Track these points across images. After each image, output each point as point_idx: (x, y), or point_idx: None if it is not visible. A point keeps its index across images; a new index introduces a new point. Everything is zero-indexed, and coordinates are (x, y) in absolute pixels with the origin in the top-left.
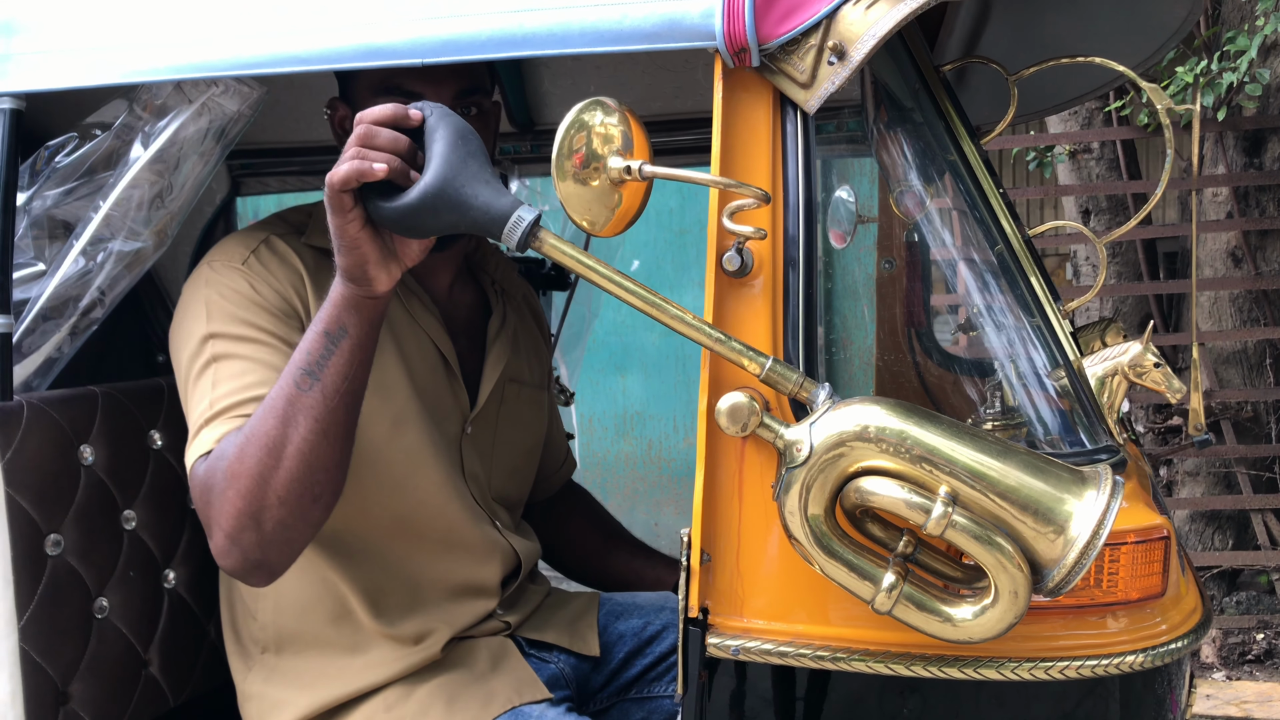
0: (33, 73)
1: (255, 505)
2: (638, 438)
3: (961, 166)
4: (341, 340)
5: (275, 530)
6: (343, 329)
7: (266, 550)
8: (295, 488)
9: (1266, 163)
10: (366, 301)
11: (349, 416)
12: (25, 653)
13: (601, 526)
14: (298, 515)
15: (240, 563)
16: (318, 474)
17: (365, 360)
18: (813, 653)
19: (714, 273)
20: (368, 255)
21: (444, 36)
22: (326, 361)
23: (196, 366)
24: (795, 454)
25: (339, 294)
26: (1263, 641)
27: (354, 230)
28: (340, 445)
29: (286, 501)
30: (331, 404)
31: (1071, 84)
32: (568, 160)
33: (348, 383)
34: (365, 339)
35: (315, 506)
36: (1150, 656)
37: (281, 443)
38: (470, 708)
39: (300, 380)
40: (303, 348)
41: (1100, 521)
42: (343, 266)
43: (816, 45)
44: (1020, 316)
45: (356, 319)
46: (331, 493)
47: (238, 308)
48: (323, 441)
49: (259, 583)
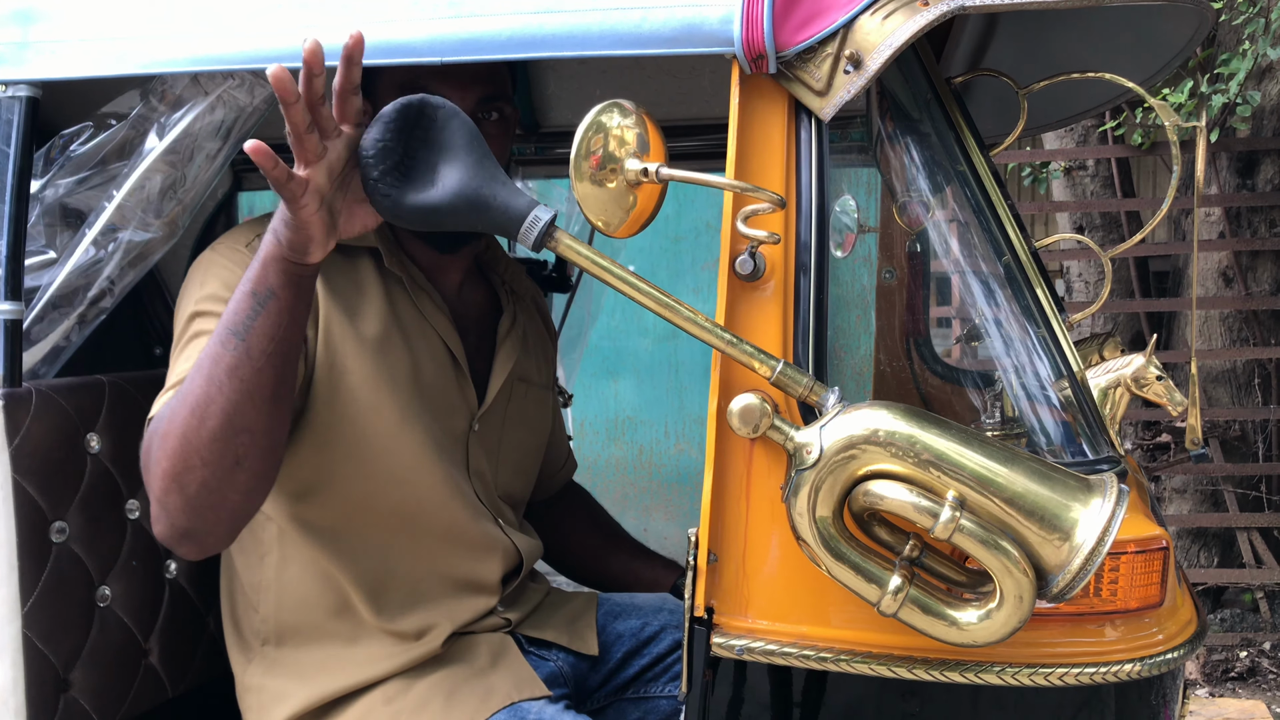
0: (50, 61)
1: (179, 465)
2: (629, 443)
3: (971, 177)
4: (269, 302)
5: (199, 493)
6: (270, 291)
7: (191, 516)
8: (217, 447)
9: (1259, 184)
10: (298, 268)
11: (276, 380)
12: (28, 639)
13: (601, 527)
14: (221, 478)
15: (168, 529)
16: (240, 435)
17: (293, 324)
18: (816, 654)
19: (726, 276)
20: (313, 235)
21: (463, 35)
22: (252, 322)
23: (180, 343)
24: (805, 456)
25: (270, 255)
26: (1246, 659)
27: (307, 215)
28: (265, 409)
29: (209, 462)
30: (257, 364)
31: (1074, 100)
32: (585, 161)
33: (274, 344)
34: (294, 304)
35: (239, 470)
36: (1147, 666)
37: (205, 402)
38: (469, 703)
39: (225, 340)
40: (230, 307)
41: (1106, 529)
42: (284, 237)
43: (833, 54)
44: (1026, 327)
45: (285, 282)
46: (258, 457)
47: (227, 288)
48: (247, 402)
49: (189, 553)
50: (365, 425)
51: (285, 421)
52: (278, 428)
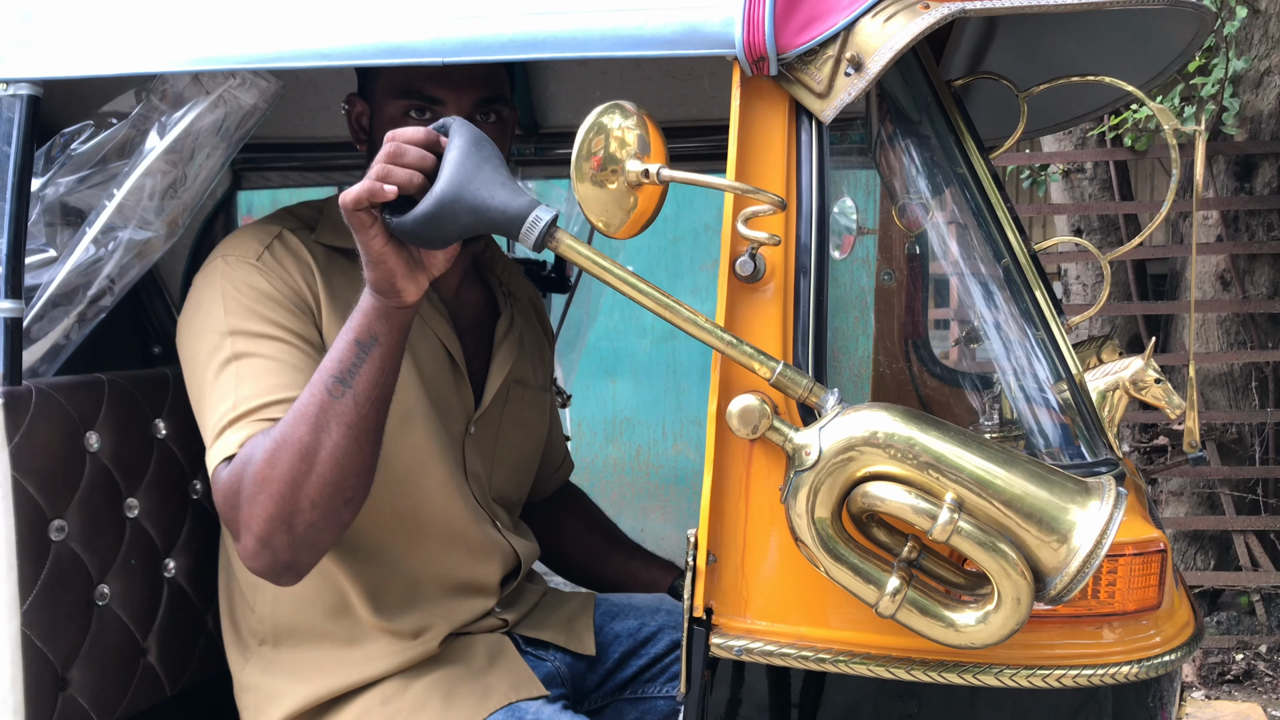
0: (51, 59)
1: (288, 509)
2: (626, 443)
3: (970, 180)
4: (373, 349)
5: (306, 533)
6: (374, 338)
7: (297, 552)
8: (327, 491)
9: (1256, 188)
10: (396, 311)
11: (379, 421)
12: (26, 637)
13: (598, 528)
14: (329, 518)
15: (271, 564)
16: (349, 478)
17: (395, 367)
18: (814, 655)
19: (726, 277)
20: (394, 269)
21: (465, 37)
22: (358, 369)
23: (216, 362)
24: (804, 457)
25: (369, 304)
26: (1242, 662)
27: (378, 246)
28: (370, 449)
29: (319, 505)
30: (363, 410)
31: (1072, 104)
32: (586, 162)
33: (378, 389)
34: (395, 346)
35: (346, 509)
36: (1144, 668)
37: (314, 448)
38: (467, 703)
39: (332, 388)
40: (334, 355)
41: (1103, 531)
42: (371, 280)
43: (834, 56)
44: (1025, 329)
45: (386, 328)
46: (361, 495)
47: (256, 304)
48: (354, 447)
49: (287, 583)
50: None
51: (378, 455)
52: (375, 464)
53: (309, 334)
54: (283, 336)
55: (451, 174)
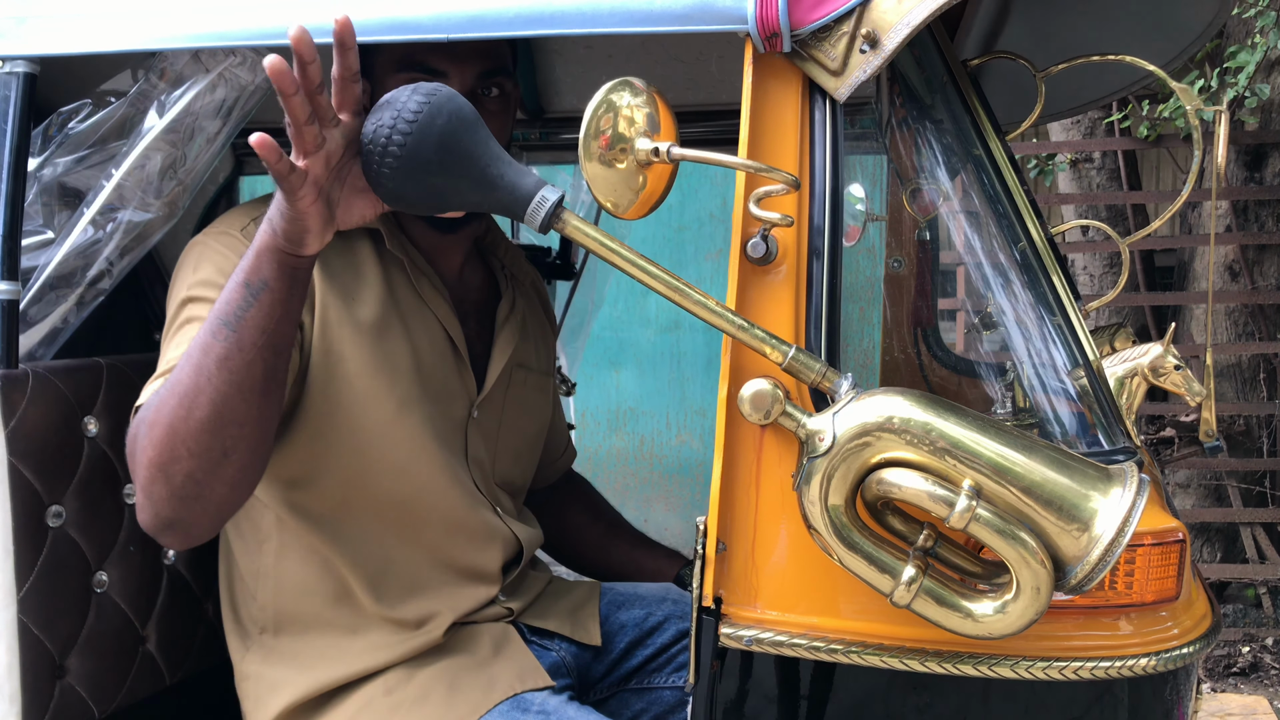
0: (48, 36)
1: (165, 455)
2: (630, 433)
3: (987, 162)
4: (262, 293)
5: (185, 484)
6: (264, 282)
7: (176, 506)
8: (204, 439)
9: (1266, 178)
10: (293, 259)
11: (266, 371)
12: (24, 625)
13: (602, 517)
14: (207, 470)
15: (153, 519)
16: (229, 427)
17: (286, 316)
18: (826, 645)
19: (738, 259)
20: (310, 226)
21: (470, 12)
22: (244, 313)
23: (171, 329)
24: (817, 443)
25: (265, 246)
26: (1248, 655)
27: (304, 206)
28: (255, 401)
29: (196, 453)
30: (248, 356)
31: (1085, 88)
32: (594, 141)
33: (265, 336)
34: (286, 295)
35: (226, 462)
36: (1162, 661)
37: (194, 392)
38: (472, 694)
39: (216, 330)
40: (222, 297)
41: (1126, 519)
42: (280, 228)
43: (849, 33)
44: (1042, 315)
45: (279, 273)
46: (246, 450)
47: (221, 274)
48: (236, 394)
49: (173, 543)
50: (361, 412)
51: (275, 414)
52: (267, 420)
53: None
54: None
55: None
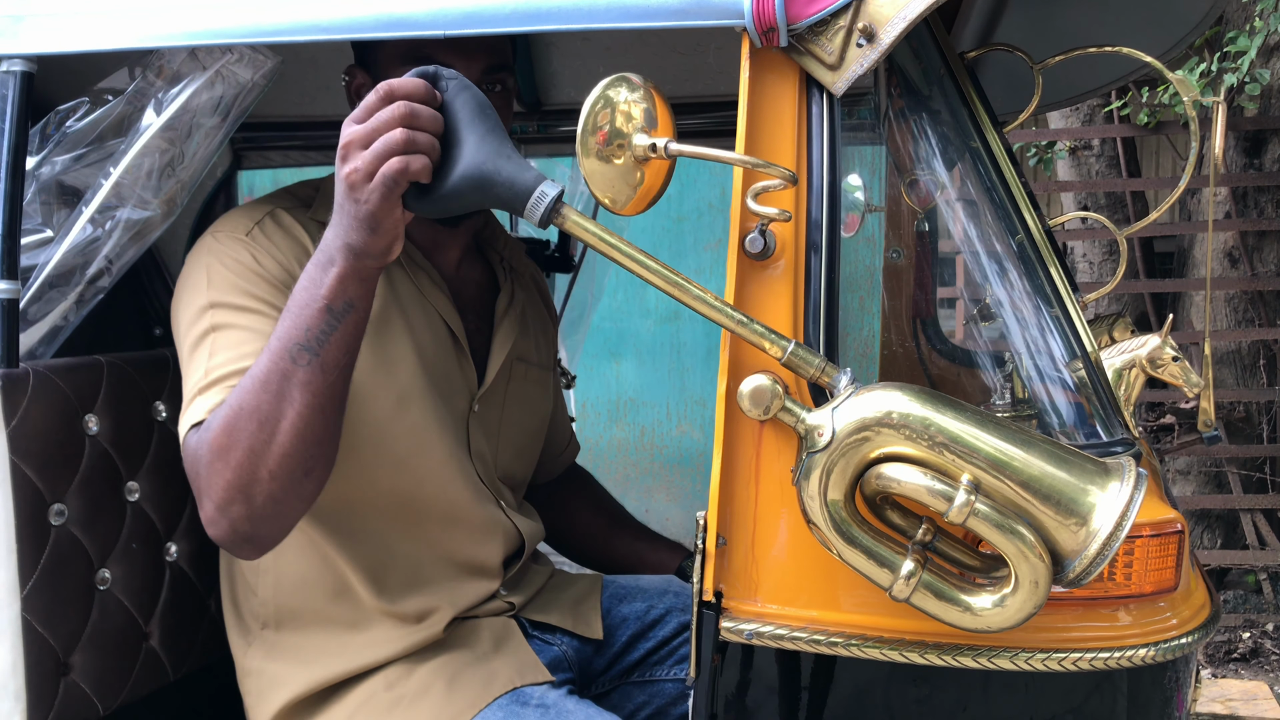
0: (45, 34)
1: (246, 479)
2: (631, 424)
3: (985, 154)
4: (347, 316)
5: (266, 504)
6: (349, 304)
7: (256, 524)
8: (288, 462)
9: (1266, 164)
10: (375, 272)
11: (345, 390)
12: (27, 623)
13: (605, 510)
14: (289, 489)
15: (229, 534)
16: (311, 448)
17: (364, 331)
18: (826, 639)
19: (736, 254)
20: (398, 235)
21: (468, 8)
22: (328, 336)
23: (195, 334)
24: (817, 439)
25: (346, 269)
26: (1249, 640)
27: (399, 215)
28: (335, 419)
29: (278, 476)
30: (330, 379)
31: (1084, 78)
32: (592, 136)
33: (348, 356)
34: (369, 311)
35: (307, 481)
36: (1160, 651)
37: (276, 417)
38: (471, 688)
39: (297, 355)
40: (297, 323)
41: (1124, 513)
42: (363, 244)
43: (846, 26)
44: (1040, 307)
45: (363, 291)
46: (324, 466)
47: (239, 278)
48: (318, 417)
49: (247, 556)
50: (363, 407)
51: (342, 425)
52: (339, 433)
53: None
54: (263, 310)
55: (472, 149)
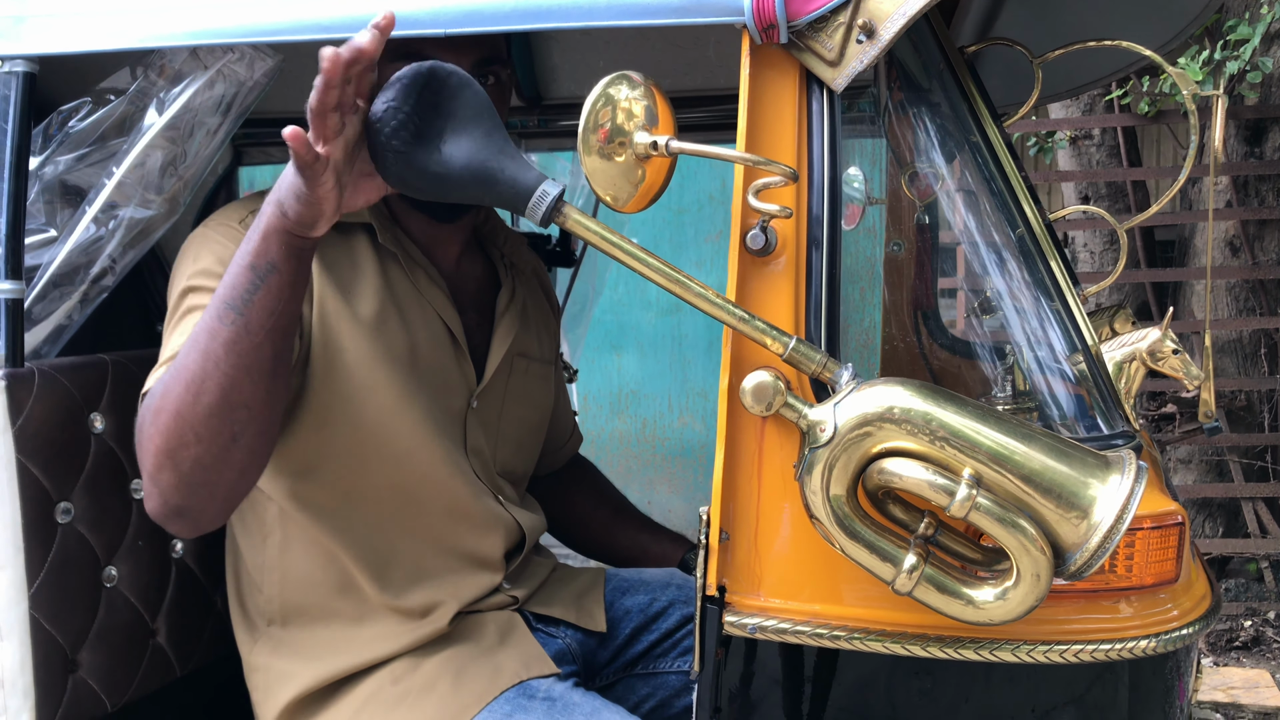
0: (46, 35)
1: (173, 442)
2: (632, 416)
3: (984, 148)
4: (270, 276)
5: (193, 470)
6: (271, 264)
7: (185, 493)
8: (212, 423)
9: (1267, 152)
10: (301, 241)
11: (274, 353)
12: (35, 620)
13: (608, 501)
14: (216, 455)
15: (160, 506)
16: (237, 410)
17: (294, 298)
18: (829, 632)
19: (737, 251)
20: (325, 210)
21: (468, 7)
22: (251, 297)
23: (174, 319)
24: (819, 434)
25: (272, 228)
26: (1250, 628)
27: (324, 191)
28: (263, 384)
29: (204, 439)
30: (256, 339)
31: (1084, 70)
32: (593, 134)
33: (274, 319)
34: (294, 276)
35: (235, 447)
36: (1161, 642)
37: (200, 377)
38: (478, 682)
39: (223, 314)
40: (226, 281)
41: (1124, 507)
42: (293, 211)
43: (845, 23)
44: (1040, 300)
45: (286, 255)
46: (255, 434)
47: (221, 264)
48: (244, 377)
49: (182, 531)
50: (362, 404)
51: (282, 397)
52: (275, 403)
53: None
54: None
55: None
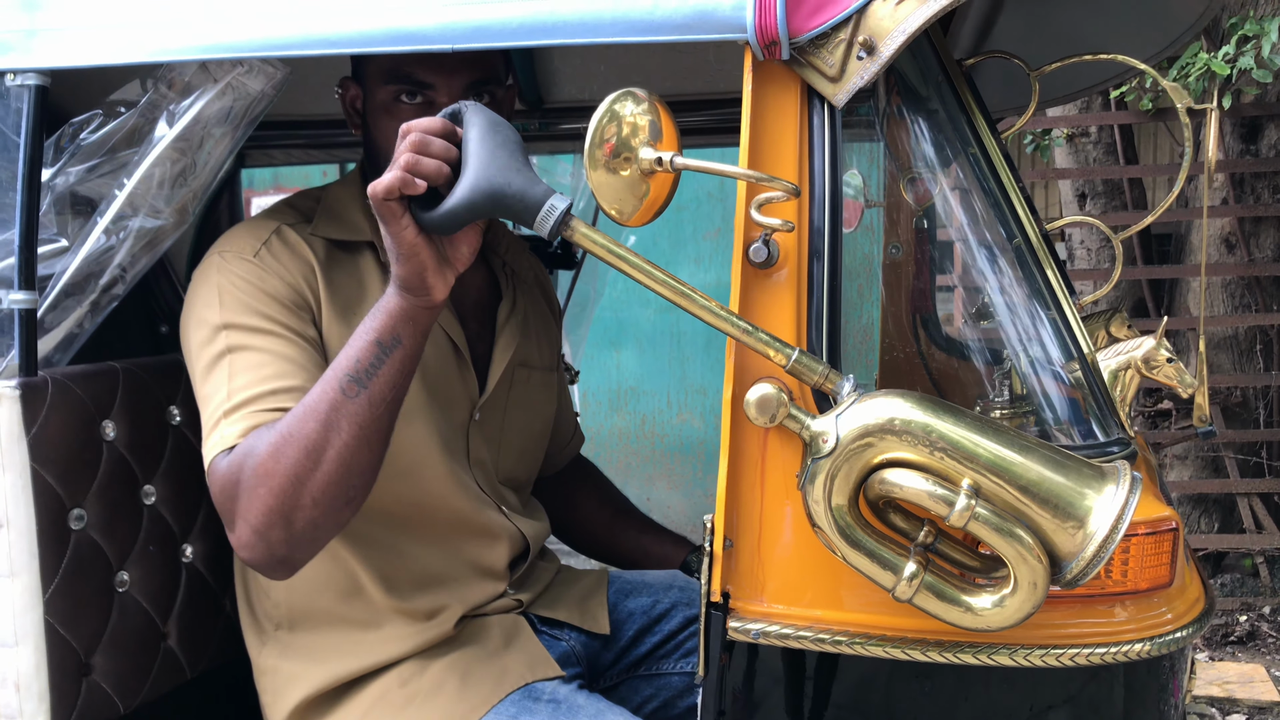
0: (58, 49)
1: (289, 505)
2: (631, 413)
3: (982, 158)
4: (394, 350)
5: (305, 529)
6: (396, 339)
7: (293, 548)
8: (331, 490)
9: (1263, 150)
10: (423, 312)
11: (390, 422)
12: (50, 625)
13: (610, 502)
14: (329, 516)
15: (265, 557)
16: (354, 478)
17: (413, 369)
18: (830, 637)
19: (740, 264)
20: (425, 263)
21: (474, 23)
22: (376, 371)
23: (209, 355)
24: (821, 445)
25: (395, 305)
26: (1246, 623)
27: (410, 237)
28: (379, 449)
29: (320, 503)
30: (377, 411)
31: (1082, 76)
32: (599, 149)
33: (395, 391)
34: (416, 348)
35: (347, 508)
36: (1156, 645)
37: (322, 446)
38: (484, 684)
39: (347, 387)
40: (351, 354)
41: (1119, 517)
42: (400, 276)
43: (846, 40)
44: (1036, 309)
45: (411, 329)
46: (363, 495)
47: (251, 299)
48: (364, 448)
49: (280, 577)
50: None
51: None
52: (380, 464)
53: (304, 330)
54: (277, 331)
55: (479, 166)
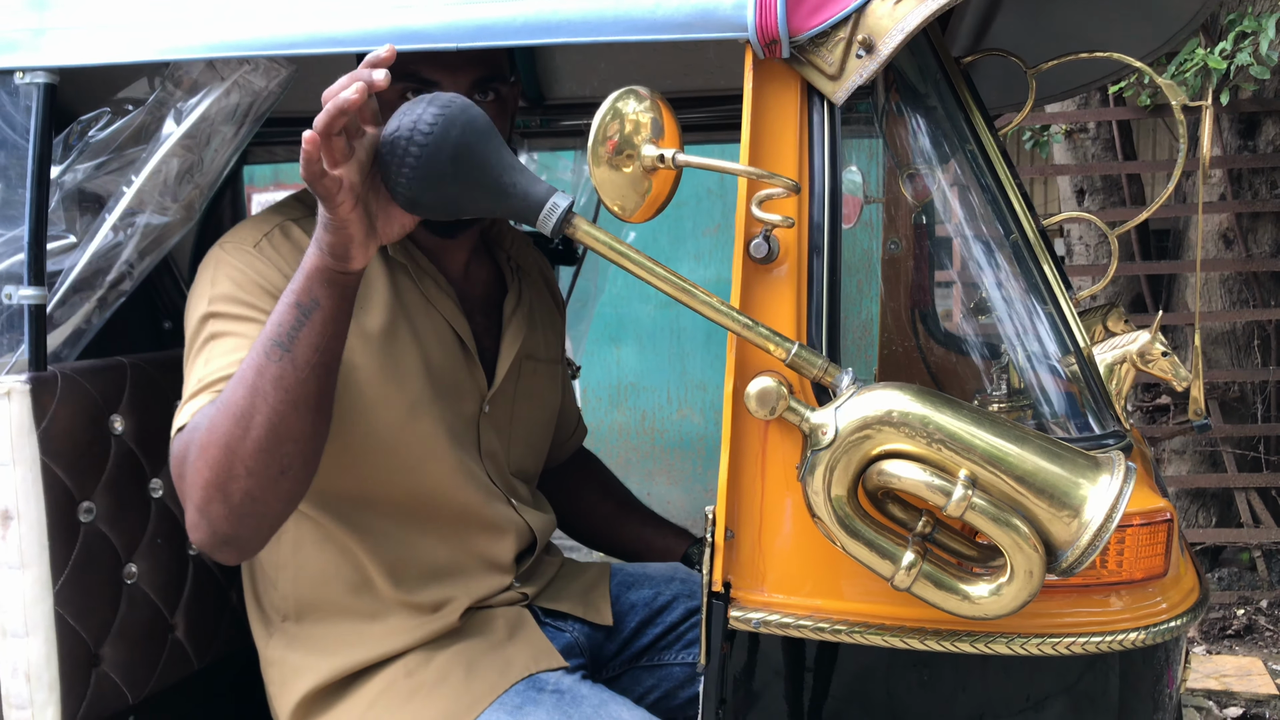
0: (66, 47)
1: (222, 476)
2: (631, 408)
3: (980, 155)
4: (313, 312)
5: (243, 502)
6: (315, 301)
7: (235, 524)
8: (262, 458)
9: (1260, 145)
10: (341, 276)
11: (320, 388)
12: (60, 616)
13: (612, 494)
14: (265, 487)
15: (209, 536)
16: (285, 445)
17: (338, 333)
18: (830, 626)
19: (740, 259)
20: (354, 235)
21: (478, 21)
22: (297, 333)
23: (195, 345)
24: (820, 437)
25: (313, 266)
26: (1243, 617)
27: (345, 211)
28: (310, 417)
29: (254, 472)
30: (302, 375)
31: (1079, 73)
32: (601, 146)
33: (319, 354)
34: (338, 312)
35: (283, 479)
36: (1150, 634)
37: (249, 413)
38: (489, 675)
39: (270, 351)
40: (273, 319)
41: (1114, 506)
42: (326, 243)
43: (846, 38)
44: (1033, 305)
45: (329, 292)
46: (301, 465)
47: (240, 289)
48: (292, 413)
49: (229, 559)
50: (374, 418)
51: (326, 428)
52: (320, 435)
53: None
54: (260, 319)
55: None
